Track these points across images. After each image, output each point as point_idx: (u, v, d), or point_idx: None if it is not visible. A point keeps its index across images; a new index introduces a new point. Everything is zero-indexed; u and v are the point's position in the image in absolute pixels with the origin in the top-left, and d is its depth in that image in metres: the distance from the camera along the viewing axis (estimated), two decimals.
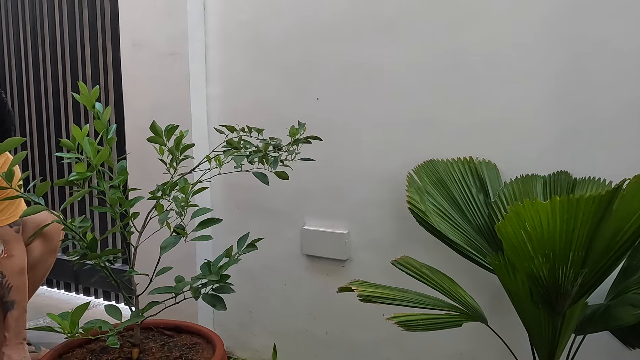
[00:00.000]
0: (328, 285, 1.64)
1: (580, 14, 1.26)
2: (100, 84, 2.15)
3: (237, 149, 1.19)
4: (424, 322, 1.01)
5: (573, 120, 1.28)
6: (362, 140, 1.55)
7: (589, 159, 1.26)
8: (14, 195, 1.06)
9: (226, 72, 1.75)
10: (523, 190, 1.23)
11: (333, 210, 1.61)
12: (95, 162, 1.05)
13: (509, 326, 1.24)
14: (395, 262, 1.22)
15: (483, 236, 1.23)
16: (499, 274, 1.03)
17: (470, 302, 1.16)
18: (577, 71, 1.27)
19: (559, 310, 0.98)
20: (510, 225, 0.89)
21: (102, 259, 1.09)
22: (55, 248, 1.71)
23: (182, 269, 1.28)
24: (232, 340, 1.82)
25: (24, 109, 2.44)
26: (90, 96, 1.10)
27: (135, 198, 1.16)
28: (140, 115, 1.81)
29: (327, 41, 1.57)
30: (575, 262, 0.90)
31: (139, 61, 1.82)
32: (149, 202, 1.15)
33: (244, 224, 1.74)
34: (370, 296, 1.05)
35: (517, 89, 1.33)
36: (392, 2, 1.47)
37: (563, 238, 0.87)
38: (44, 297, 2.34)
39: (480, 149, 1.37)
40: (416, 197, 1.28)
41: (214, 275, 1.09)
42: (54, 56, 2.31)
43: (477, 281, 1.35)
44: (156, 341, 1.26)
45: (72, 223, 1.09)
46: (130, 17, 1.82)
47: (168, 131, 1.15)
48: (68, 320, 0.88)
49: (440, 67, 1.42)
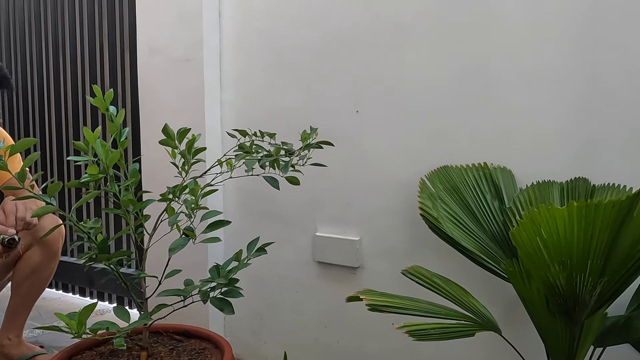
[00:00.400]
0: (339, 293, 1.61)
1: (603, 20, 1.23)
2: (117, 89, 2.19)
3: (249, 153, 1.18)
4: (435, 332, 0.99)
5: (592, 127, 1.25)
6: (376, 146, 1.53)
7: (608, 166, 1.22)
8: (27, 196, 1.07)
9: (240, 79, 1.76)
10: (539, 196, 1.20)
11: (345, 217, 1.60)
12: (108, 164, 1.06)
13: (524, 337, 1.20)
14: (405, 272, 1.20)
15: (497, 243, 1.20)
16: (513, 281, 1.00)
17: (483, 311, 1.13)
18: (597, 77, 1.24)
19: (576, 321, 0.95)
20: (525, 232, 0.87)
21: (111, 261, 1.09)
22: (56, 252, 1.67)
23: (193, 274, 1.27)
24: (243, 347, 1.80)
25: (44, 113, 2.50)
26: (104, 99, 1.11)
27: (146, 200, 1.17)
28: (155, 119, 1.83)
29: (342, 48, 1.57)
30: (594, 271, 0.87)
31: (155, 67, 1.84)
32: (161, 204, 1.16)
33: (255, 230, 1.73)
34: (379, 305, 1.03)
35: (536, 95, 1.31)
36: (408, 9, 1.46)
37: (581, 245, 0.84)
38: (59, 301, 2.37)
39: (496, 156, 1.35)
40: (429, 203, 1.26)
41: (222, 278, 1.08)
42: (74, 63, 2.36)
43: (491, 290, 1.32)
44: (165, 345, 1.25)
45: (83, 225, 1.09)
46: (148, 24, 1.85)
47: (180, 134, 1.15)
48: (75, 320, 0.88)
49: (457, 73, 1.40)
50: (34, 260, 1.62)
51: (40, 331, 1.99)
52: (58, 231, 1.64)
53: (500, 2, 1.34)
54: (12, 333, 1.67)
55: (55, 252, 1.66)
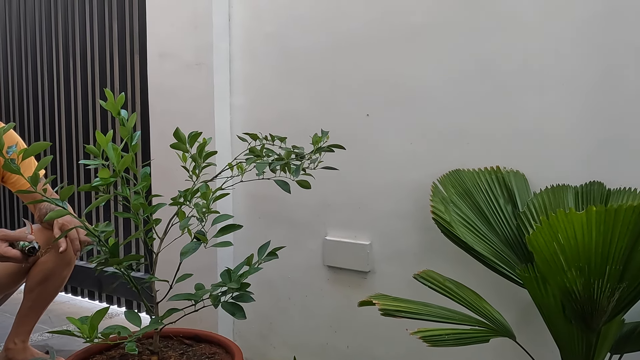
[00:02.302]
0: (350, 297, 1.60)
1: (615, 20, 1.22)
2: (127, 93, 2.19)
3: (260, 157, 1.18)
4: (450, 337, 0.97)
5: (607, 130, 1.23)
6: (387, 150, 1.52)
7: (623, 169, 1.21)
8: (38, 199, 1.07)
9: (250, 83, 1.76)
10: (553, 200, 1.18)
11: (355, 221, 1.59)
12: (119, 168, 1.06)
13: (539, 343, 1.18)
14: (417, 276, 1.19)
15: (511, 248, 1.19)
16: (528, 287, 0.98)
17: (497, 317, 1.11)
18: (611, 79, 1.23)
19: (593, 327, 0.93)
20: (542, 237, 0.85)
21: (123, 265, 1.09)
22: (70, 260, 1.65)
23: (203, 278, 1.27)
24: (252, 351, 1.80)
25: (54, 117, 2.51)
26: (115, 103, 1.11)
27: (157, 204, 1.17)
28: (165, 123, 1.84)
29: (352, 52, 1.56)
30: (613, 276, 0.85)
31: (165, 71, 1.84)
32: (171, 208, 1.15)
33: (265, 234, 1.72)
34: (392, 310, 1.02)
35: (549, 98, 1.30)
36: (419, 12, 1.45)
37: (599, 251, 0.83)
38: (68, 305, 2.37)
39: (508, 159, 1.33)
40: (441, 207, 1.25)
41: (234, 283, 1.07)
42: (84, 67, 2.37)
43: (505, 295, 1.30)
44: (175, 350, 1.25)
45: (95, 228, 1.09)
46: (158, 29, 1.86)
47: (191, 138, 1.15)
48: (87, 324, 0.87)
49: (468, 76, 1.39)
50: (48, 266, 1.62)
51: (49, 334, 1.99)
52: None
53: (513, 3, 1.33)
54: (19, 337, 1.67)
55: (69, 260, 1.65)
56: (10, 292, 1.75)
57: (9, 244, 1.41)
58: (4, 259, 1.40)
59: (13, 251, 1.40)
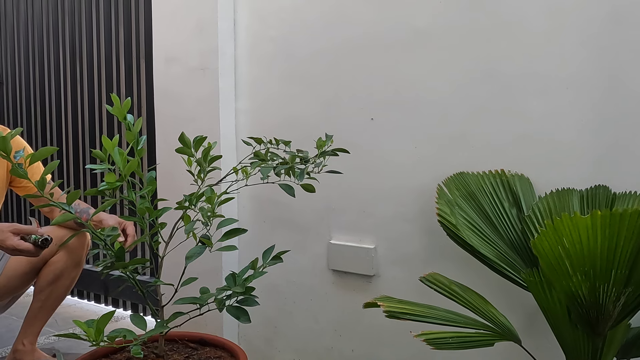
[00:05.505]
0: (354, 301, 1.60)
1: (621, 24, 1.21)
2: (133, 98, 2.21)
3: (264, 161, 1.18)
4: (454, 340, 0.97)
5: (612, 134, 1.23)
6: (391, 154, 1.52)
7: (628, 173, 1.20)
8: (46, 204, 1.08)
9: (255, 87, 1.77)
10: (558, 204, 1.18)
11: (360, 225, 1.59)
12: (125, 172, 1.07)
13: (544, 347, 1.18)
14: (423, 279, 1.19)
15: (516, 252, 1.18)
16: (534, 291, 0.98)
17: (502, 321, 1.11)
18: (615, 83, 1.22)
19: (599, 332, 0.93)
20: (547, 241, 0.85)
21: (128, 268, 1.10)
22: (79, 261, 1.67)
23: (208, 282, 1.27)
24: (257, 355, 1.80)
25: (60, 121, 2.53)
26: (122, 108, 1.12)
27: (163, 208, 1.17)
28: (171, 128, 1.85)
29: (357, 56, 1.56)
30: (618, 281, 0.85)
31: (171, 76, 1.85)
32: (177, 212, 1.16)
33: (270, 238, 1.73)
34: (397, 312, 1.02)
35: (554, 102, 1.29)
36: (423, 15, 1.45)
37: (605, 255, 0.83)
38: (74, 308, 2.38)
39: (513, 163, 1.33)
40: (446, 209, 1.25)
41: (238, 287, 1.08)
42: (90, 71, 2.39)
43: (510, 299, 1.30)
44: (180, 353, 1.25)
45: (101, 232, 1.10)
46: (164, 33, 1.87)
47: (196, 142, 1.16)
48: (93, 327, 0.88)
49: (473, 80, 1.39)
50: (58, 266, 1.64)
51: (56, 337, 2.00)
52: (82, 240, 1.66)
53: (517, 6, 1.33)
54: (28, 339, 1.68)
55: (78, 260, 1.67)
56: (18, 295, 1.76)
57: (20, 238, 1.41)
58: (17, 252, 1.40)
59: (25, 244, 1.39)
